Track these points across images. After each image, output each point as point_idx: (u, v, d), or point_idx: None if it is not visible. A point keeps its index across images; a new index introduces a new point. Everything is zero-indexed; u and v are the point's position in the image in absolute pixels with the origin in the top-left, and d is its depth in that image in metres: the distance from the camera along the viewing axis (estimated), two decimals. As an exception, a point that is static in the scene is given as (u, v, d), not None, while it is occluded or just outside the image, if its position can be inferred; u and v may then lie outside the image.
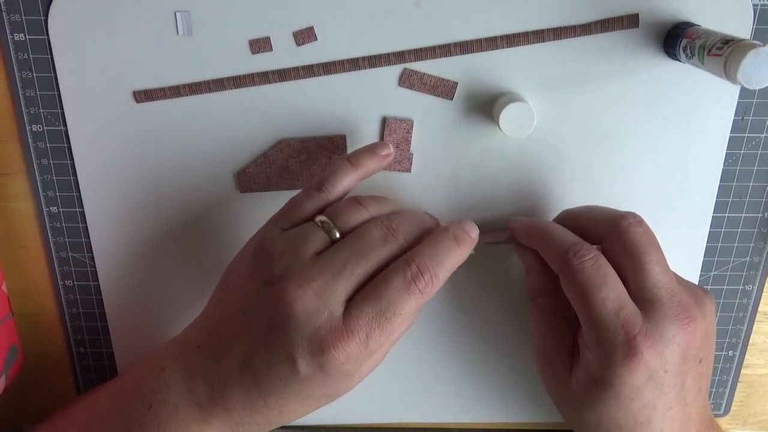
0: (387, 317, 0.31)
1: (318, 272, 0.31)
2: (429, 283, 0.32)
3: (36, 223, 0.43)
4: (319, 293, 0.31)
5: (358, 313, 0.31)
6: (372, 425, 0.49)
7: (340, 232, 0.33)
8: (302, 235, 0.33)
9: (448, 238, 0.34)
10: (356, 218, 0.34)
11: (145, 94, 0.39)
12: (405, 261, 0.32)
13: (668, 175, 0.40)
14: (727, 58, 0.30)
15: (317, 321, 0.31)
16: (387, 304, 0.31)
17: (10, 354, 0.44)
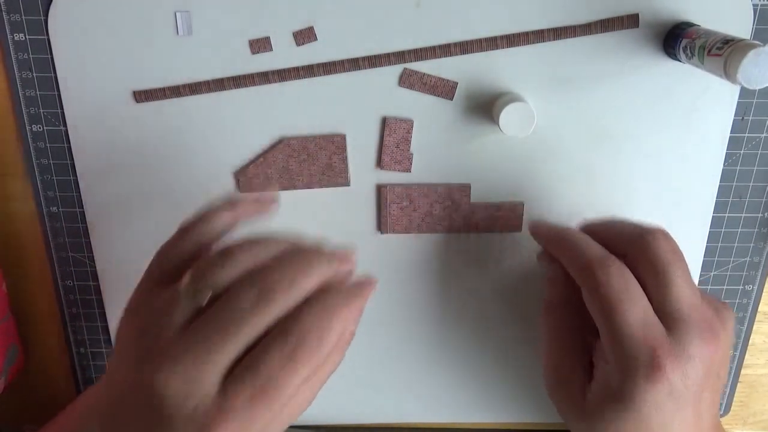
0: (270, 393, 0.28)
1: (183, 352, 0.28)
2: (315, 352, 0.28)
3: (36, 223, 0.43)
4: (188, 377, 0.28)
5: (234, 392, 0.28)
6: (372, 425, 0.49)
7: (206, 299, 0.29)
8: (167, 307, 0.29)
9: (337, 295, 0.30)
10: (225, 276, 0.30)
11: (145, 94, 0.39)
12: (283, 330, 0.29)
13: (668, 175, 0.40)
14: (727, 58, 0.30)
15: (190, 406, 0.28)
16: (267, 380, 0.28)
17: (10, 354, 0.44)
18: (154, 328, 0.29)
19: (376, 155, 0.40)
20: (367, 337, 0.45)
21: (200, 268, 0.30)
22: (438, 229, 0.42)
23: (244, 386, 0.28)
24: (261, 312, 0.29)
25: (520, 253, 0.43)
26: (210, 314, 0.29)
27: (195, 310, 0.29)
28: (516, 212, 0.41)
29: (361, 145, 0.40)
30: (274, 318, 0.29)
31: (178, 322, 0.29)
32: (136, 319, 0.31)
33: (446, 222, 0.42)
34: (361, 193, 0.41)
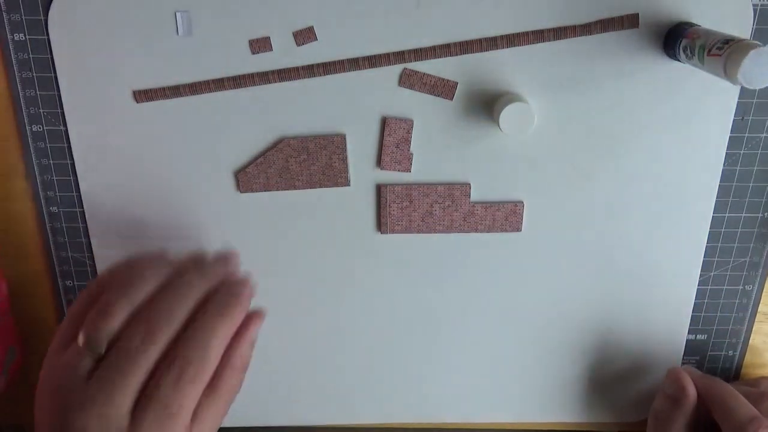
0: (170, 418, 0.31)
1: (92, 396, 0.31)
2: (199, 371, 0.32)
3: (36, 223, 0.43)
4: (101, 416, 0.31)
5: (142, 419, 0.31)
6: (372, 425, 0.49)
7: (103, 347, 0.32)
8: (70, 363, 0.32)
9: (211, 317, 0.33)
10: (110, 327, 0.32)
11: (145, 94, 0.39)
12: (169, 358, 0.32)
13: (668, 175, 0.40)
14: (727, 58, 0.30)
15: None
16: (164, 407, 0.31)
17: (10, 354, 0.44)
18: (66, 382, 0.32)
19: (376, 155, 0.40)
20: (367, 337, 0.45)
21: (90, 324, 0.33)
22: (438, 229, 0.42)
23: (148, 413, 0.31)
24: (149, 348, 0.32)
25: (520, 253, 0.43)
26: (107, 360, 0.32)
27: (95, 359, 0.32)
28: (516, 212, 0.41)
29: (361, 145, 0.40)
30: (163, 347, 0.32)
31: (84, 371, 0.32)
32: (49, 382, 0.33)
33: (446, 222, 0.42)
34: (361, 193, 0.41)
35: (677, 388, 0.41)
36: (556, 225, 0.42)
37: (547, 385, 0.47)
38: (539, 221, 0.42)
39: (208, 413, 0.34)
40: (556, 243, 0.42)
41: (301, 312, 0.44)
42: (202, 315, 0.33)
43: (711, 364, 0.47)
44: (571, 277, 0.43)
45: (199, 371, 0.32)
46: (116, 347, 0.32)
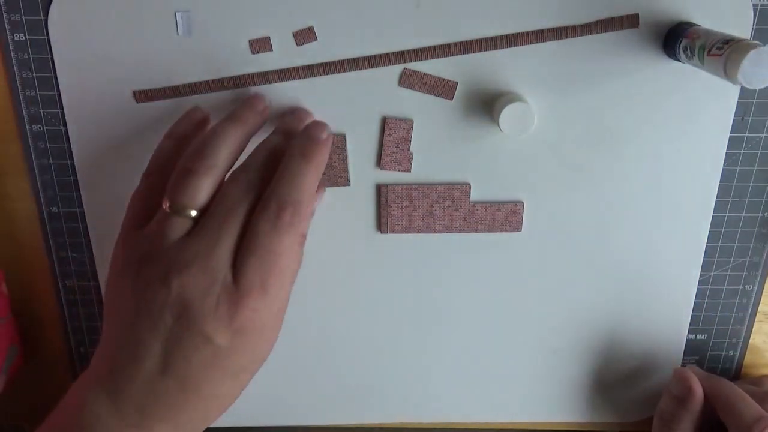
0: (271, 261, 0.31)
1: (194, 253, 0.31)
2: (294, 213, 0.32)
3: (36, 223, 0.43)
4: (204, 270, 0.31)
5: (244, 271, 0.31)
6: (372, 425, 0.49)
7: (195, 210, 0.33)
8: (160, 230, 0.33)
9: (295, 160, 0.33)
10: (202, 187, 0.33)
11: (145, 94, 0.39)
12: (264, 204, 0.32)
13: (668, 175, 0.40)
14: (727, 58, 0.30)
15: (213, 294, 0.31)
16: (265, 251, 0.31)
17: (10, 354, 0.44)
18: (157, 251, 0.32)
19: (376, 155, 0.40)
20: (368, 336, 0.45)
21: (174, 187, 0.33)
22: (438, 229, 0.42)
23: (250, 263, 0.31)
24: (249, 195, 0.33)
25: (520, 253, 0.43)
26: (208, 215, 0.32)
27: (186, 225, 0.32)
28: (516, 212, 0.41)
29: (361, 145, 0.40)
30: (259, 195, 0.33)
31: (177, 236, 0.32)
32: (134, 258, 0.33)
33: (446, 222, 0.42)
34: (361, 193, 0.41)
35: (683, 388, 0.41)
36: (556, 225, 0.42)
37: (547, 384, 0.47)
38: (539, 221, 0.42)
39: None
40: (556, 243, 0.42)
41: (301, 312, 0.44)
42: (287, 160, 0.33)
43: (711, 364, 0.47)
44: (571, 277, 0.43)
45: (296, 214, 0.32)
46: (217, 200, 0.33)
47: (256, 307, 0.31)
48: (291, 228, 0.32)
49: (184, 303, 0.31)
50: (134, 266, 0.32)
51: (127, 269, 0.33)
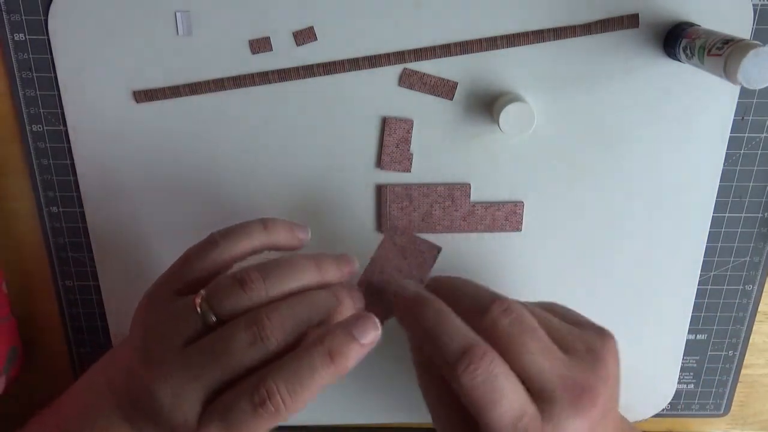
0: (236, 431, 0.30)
1: (178, 369, 0.30)
2: (285, 407, 0.29)
3: (36, 223, 0.43)
4: (177, 393, 0.30)
5: (207, 424, 0.30)
6: (372, 425, 0.49)
7: (217, 317, 0.31)
8: (177, 318, 0.31)
9: (318, 355, 0.30)
10: (237, 303, 0.31)
11: (145, 94, 0.39)
12: (258, 380, 0.29)
13: (668, 175, 0.40)
14: (727, 58, 0.30)
15: (175, 420, 0.30)
16: (232, 423, 0.29)
17: (11, 354, 0.44)
18: (163, 334, 0.31)
19: (376, 155, 0.40)
20: (367, 337, 0.45)
21: (217, 288, 0.31)
22: (438, 229, 0.42)
23: (212, 424, 0.30)
24: (252, 351, 0.30)
25: (520, 253, 0.43)
26: (207, 341, 0.30)
27: (203, 328, 0.31)
28: (516, 212, 0.41)
29: (361, 145, 0.40)
30: (264, 359, 0.30)
31: (185, 334, 0.31)
32: (150, 316, 0.33)
33: (446, 222, 0.42)
34: (361, 193, 0.41)
35: None
36: (556, 225, 0.42)
37: (547, 385, 0.47)
38: (539, 221, 0.42)
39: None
40: (556, 243, 0.42)
41: (301, 312, 0.44)
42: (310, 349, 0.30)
43: (711, 364, 0.47)
44: (571, 277, 0.43)
45: (287, 407, 0.30)
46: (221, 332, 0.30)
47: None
48: (273, 418, 0.30)
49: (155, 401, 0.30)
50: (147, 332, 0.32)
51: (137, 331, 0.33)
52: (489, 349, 0.31)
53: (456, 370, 0.30)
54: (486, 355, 0.31)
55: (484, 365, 0.30)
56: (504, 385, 0.30)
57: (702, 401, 0.48)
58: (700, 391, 0.48)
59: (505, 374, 0.31)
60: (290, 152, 0.40)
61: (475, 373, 0.30)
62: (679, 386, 0.47)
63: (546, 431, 0.31)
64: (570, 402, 0.31)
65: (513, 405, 0.30)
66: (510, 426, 0.30)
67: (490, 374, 0.30)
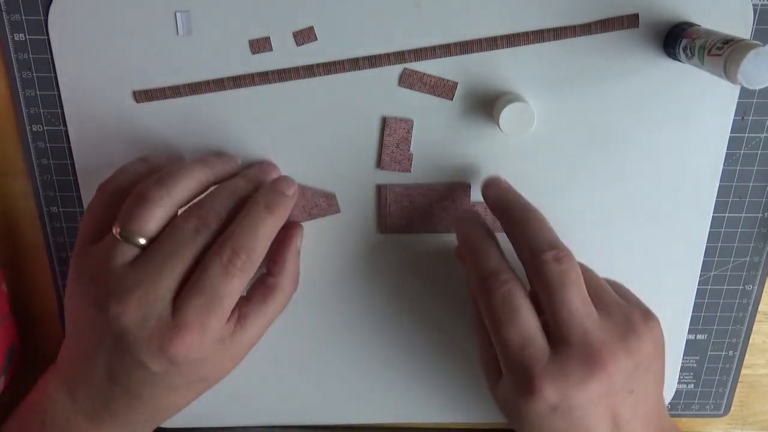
0: (216, 303, 0.32)
1: (135, 283, 0.32)
2: (247, 260, 0.33)
3: (36, 223, 0.43)
4: (143, 303, 0.32)
5: (186, 308, 0.32)
6: (372, 425, 0.49)
7: (144, 238, 0.33)
8: (107, 253, 0.33)
9: (259, 209, 0.34)
10: (153, 216, 0.33)
11: (145, 94, 0.39)
12: (219, 246, 0.33)
13: (668, 175, 0.40)
14: (727, 58, 0.30)
15: (148, 327, 0.32)
16: (211, 292, 0.32)
17: (10, 353, 0.44)
18: (101, 273, 0.33)
19: (376, 155, 0.40)
20: (367, 336, 0.45)
21: (126, 213, 0.33)
22: (439, 229, 0.42)
23: (191, 301, 0.32)
24: (200, 235, 0.33)
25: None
26: (154, 247, 0.33)
27: (136, 251, 0.33)
28: (516, 212, 0.41)
29: (361, 145, 0.40)
30: (212, 238, 0.33)
31: (121, 262, 0.33)
32: (81, 274, 0.34)
33: (447, 222, 0.42)
34: (361, 193, 0.41)
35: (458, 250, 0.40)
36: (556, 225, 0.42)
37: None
38: (539, 221, 0.42)
39: (255, 318, 0.35)
40: (556, 243, 0.42)
41: (301, 311, 0.44)
42: (249, 208, 0.34)
43: (711, 364, 0.47)
44: (571, 277, 0.43)
45: (248, 261, 0.33)
46: (164, 235, 0.33)
47: (192, 344, 0.32)
48: (241, 274, 0.33)
49: (120, 330, 0.32)
50: (81, 282, 0.34)
51: (77, 283, 0.34)
52: (516, 281, 0.34)
53: (482, 285, 0.34)
54: (510, 282, 0.34)
55: (506, 288, 0.34)
56: (520, 309, 0.33)
57: (702, 401, 0.48)
58: (700, 391, 0.48)
59: (524, 302, 0.34)
60: (290, 152, 0.40)
61: (496, 292, 0.34)
62: (679, 386, 0.47)
63: (550, 371, 0.32)
64: (582, 357, 0.32)
65: (524, 329, 0.33)
66: (517, 348, 0.33)
67: (509, 296, 0.34)
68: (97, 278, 0.33)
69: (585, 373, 0.32)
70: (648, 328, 0.34)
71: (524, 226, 0.36)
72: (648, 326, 0.35)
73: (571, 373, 0.32)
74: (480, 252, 0.36)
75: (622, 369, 0.33)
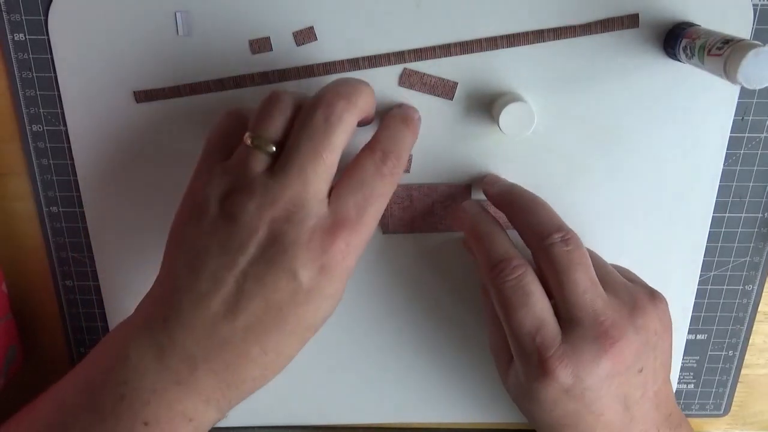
0: (371, 201, 0.32)
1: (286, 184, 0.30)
2: (396, 164, 0.33)
3: (36, 223, 0.43)
4: (300, 200, 0.30)
5: (344, 203, 0.31)
6: (372, 425, 0.49)
7: (274, 145, 0.31)
8: (245, 163, 0.31)
9: (398, 123, 0.35)
10: (280, 123, 0.32)
11: (145, 94, 0.39)
12: (369, 149, 0.33)
13: (668, 175, 0.40)
14: (727, 58, 0.30)
15: (308, 225, 0.30)
16: (368, 189, 0.32)
17: (10, 354, 0.44)
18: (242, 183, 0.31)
19: (376, 155, 0.40)
20: (368, 336, 0.45)
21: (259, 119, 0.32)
22: (440, 228, 0.42)
23: (351, 197, 0.31)
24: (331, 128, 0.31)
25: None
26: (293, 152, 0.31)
27: (267, 161, 0.31)
28: (516, 212, 0.41)
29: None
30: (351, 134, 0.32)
31: (260, 169, 0.31)
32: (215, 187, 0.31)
33: (448, 221, 0.42)
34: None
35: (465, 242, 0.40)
36: (556, 225, 0.42)
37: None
38: (539, 221, 0.42)
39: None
40: (556, 243, 0.42)
41: (301, 312, 0.44)
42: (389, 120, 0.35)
43: (711, 364, 0.47)
44: (571, 277, 0.43)
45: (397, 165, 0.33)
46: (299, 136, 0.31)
47: (349, 242, 0.31)
48: (391, 177, 0.33)
49: (276, 234, 0.30)
50: (217, 200, 0.31)
51: (208, 204, 0.31)
52: (526, 266, 0.34)
53: (493, 271, 0.34)
54: (521, 267, 0.34)
55: (517, 273, 0.34)
56: (533, 293, 0.34)
57: (702, 401, 0.48)
58: (700, 391, 0.48)
59: (536, 286, 0.34)
60: (290, 152, 0.40)
61: (507, 278, 0.34)
62: (679, 386, 0.47)
63: (563, 352, 0.33)
64: (594, 336, 0.33)
65: (536, 313, 0.33)
66: (528, 333, 0.33)
67: (520, 281, 0.34)
68: (240, 189, 0.31)
69: (597, 351, 0.33)
70: (654, 305, 0.35)
71: (530, 212, 0.36)
72: (654, 304, 0.35)
73: (584, 353, 0.33)
74: (489, 239, 0.36)
75: (632, 345, 0.33)
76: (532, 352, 0.33)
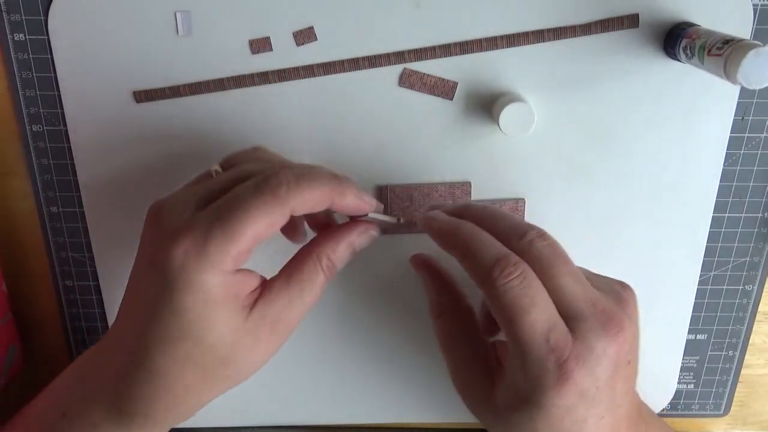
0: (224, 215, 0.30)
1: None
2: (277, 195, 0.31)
3: (36, 223, 0.43)
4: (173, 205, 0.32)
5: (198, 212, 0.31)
6: (372, 425, 0.49)
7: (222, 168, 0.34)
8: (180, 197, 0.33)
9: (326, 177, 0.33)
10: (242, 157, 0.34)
11: (145, 94, 0.39)
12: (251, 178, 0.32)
13: (668, 175, 0.40)
14: (727, 58, 0.30)
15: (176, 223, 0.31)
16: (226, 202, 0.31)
17: (10, 354, 0.44)
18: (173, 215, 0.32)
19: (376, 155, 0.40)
20: (368, 336, 0.45)
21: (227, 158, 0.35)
22: None
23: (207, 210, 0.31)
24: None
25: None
26: None
27: None
28: (517, 210, 0.41)
29: (362, 145, 0.40)
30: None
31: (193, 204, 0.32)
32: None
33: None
34: (361, 193, 0.41)
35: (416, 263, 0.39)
36: (556, 225, 0.42)
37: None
38: (539, 221, 0.41)
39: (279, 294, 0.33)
40: (556, 243, 0.42)
41: (301, 312, 0.44)
42: None
43: (711, 364, 0.47)
44: (571, 277, 0.43)
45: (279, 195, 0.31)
46: None
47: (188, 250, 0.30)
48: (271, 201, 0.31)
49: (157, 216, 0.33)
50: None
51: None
52: (523, 261, 0.31)
53: (492, 274, 0.31)
54: (520, 263, 0.31)
55: (519, 270, 0.31)
56: (538, 294, 0.31)
57: (702, 401, 0.48)
58: (700, 391, 0.48)
59: (539, 285, 0.31)
60: (290, 152, 0.40)
61: (510, 276, 0.31)
62: (679, 386, 0.47)
63: (578, 349, 0.31)
64: (599, 324, 0.31)
65: (545, 315, 0.31)
66: (541, 337, 0.30)
67: (525, 280, 0.31)
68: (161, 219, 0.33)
69: (607, 339, 0.31)
70: (628, 294, 0.35)
71: (495, 220, 0.34)
72: (629, 294, 0.35)
73: (595, 345, 0.31)
74: (476, 240, 0.32)
75: (627, 333, 0.32)
76: (545, 357, 0.30)
